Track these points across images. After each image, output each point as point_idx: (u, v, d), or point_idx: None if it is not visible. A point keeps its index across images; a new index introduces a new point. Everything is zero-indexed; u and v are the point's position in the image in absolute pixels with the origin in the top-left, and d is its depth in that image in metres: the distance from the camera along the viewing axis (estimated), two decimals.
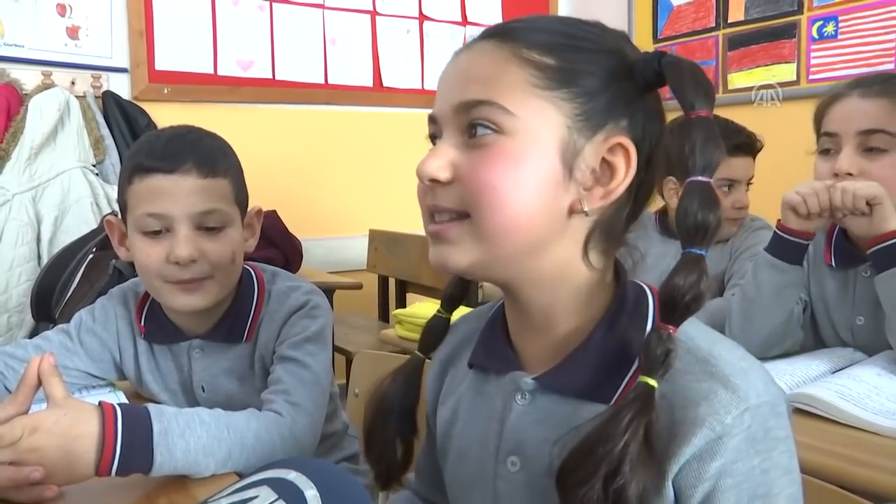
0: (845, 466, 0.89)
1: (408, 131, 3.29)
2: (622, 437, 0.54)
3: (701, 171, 0.58)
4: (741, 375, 0.58)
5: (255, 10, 2.95)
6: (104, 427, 0.81)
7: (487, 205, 0.61)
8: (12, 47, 2.52)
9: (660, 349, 0.56)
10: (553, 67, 0.61)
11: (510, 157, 0.60)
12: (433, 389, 0.81)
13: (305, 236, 2.52)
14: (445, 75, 0.66)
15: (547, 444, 0.64)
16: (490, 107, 0.61)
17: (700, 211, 0.57)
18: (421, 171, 0.63)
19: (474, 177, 0.61)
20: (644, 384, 0.56)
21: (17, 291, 2.35)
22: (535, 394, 0.67)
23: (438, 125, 0.65)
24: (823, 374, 1.16)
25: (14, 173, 2.40)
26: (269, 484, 0.55)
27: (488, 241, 0.62)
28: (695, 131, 0.58)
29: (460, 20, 3.41)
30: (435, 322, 0.79)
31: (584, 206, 0.62)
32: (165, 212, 1.00)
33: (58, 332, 1.14)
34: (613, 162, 0.62)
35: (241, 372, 1.11)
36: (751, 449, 0.56)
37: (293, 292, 1.11)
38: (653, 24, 3.35)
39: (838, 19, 2.68)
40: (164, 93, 2.77)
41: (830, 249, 1.31)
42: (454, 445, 0.75)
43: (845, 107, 1.23)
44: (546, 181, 0.61)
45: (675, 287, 0.56)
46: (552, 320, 0.66)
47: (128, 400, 1.12)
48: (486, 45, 0.64)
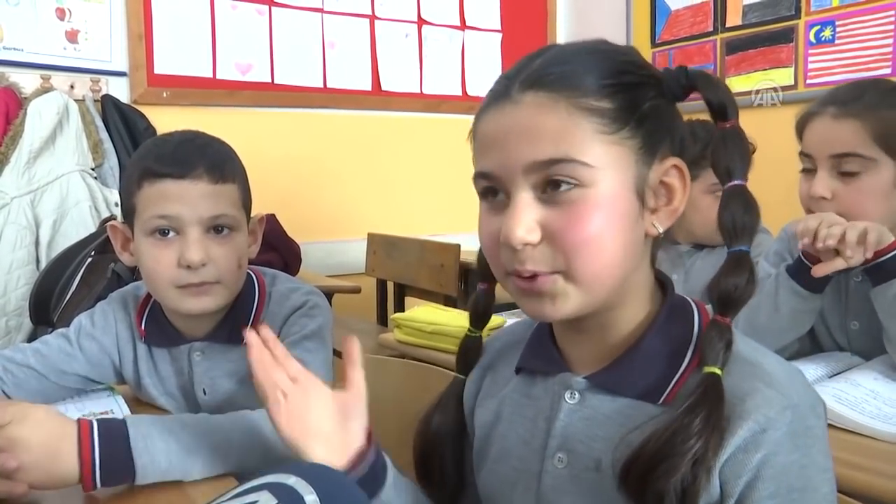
0: (843, 471, 0.89)
1: (406, 135, 3.32)
2: (703, 431, 0.57)
3: (739, 176, 0.64)
4: (784, 376, 0.62)
5: (254, 13, 2.96)
6: (80, 437, 0.81)
7: (586, 258, 0.62)
8: (11, 51, 2.52)
9: (721, 340, 0.61)
10: (612, 110, 0.62)
11: (597, 208, 0.62)
12: (471, 393, 0.83)
13: (304, 240, 2.52)
14: (496, 131, 0.65)
15: (594, 441, 0.67)
16: (570, 164, 0.61)
17: (743, 212, 0.63)
18: (513, 238, 0.62)
19: (570, 235, 0.62)
20: (712, 374, 0.60)
21: (15, 295, 2.35)
22: (584, 393, 0.69)
23: (501, 183, 0.65)
24: (821, 378, 1.16)
25: (13, 177, 2.40)
26: (268, 488, 0.55)
27: (587, 287, 0.63)
28: (731, 140, 0.64)
29: (459, 24, 3.42)
30: (469, 342, 0.83)
31: (659, 228, 0.66)
32: (176, 214, 1.01)
33: (57, 337, 1.14)
34: (670, 182, 0.66)
35: (242, 374, 1.11)
36: (791, 444, 0.59)
37: (293, 293, 1.12)
38: (651, 29, 3.36)
39: (836, 24, 2.69)
40: (163, 96, 2.77)
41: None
42: (495, 446, 0.77)
43: (818, 128, 1.22)
44: (629, 219, 0.64)
45: (730, 283, 0.62)
46: (607, 328, 0.69)
47: (127, 405, 1.12)
48: (538, 98, 0.63)
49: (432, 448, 0.81)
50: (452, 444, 0.81)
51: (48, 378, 1.10)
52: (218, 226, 1.03)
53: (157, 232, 1.02)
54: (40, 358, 1.10)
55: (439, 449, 0.80)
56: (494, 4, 3.52)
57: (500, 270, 0.67)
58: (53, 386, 1.11)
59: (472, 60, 3.45)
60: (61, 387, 1.12)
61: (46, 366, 1.10)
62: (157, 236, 1.02)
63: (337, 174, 3.17)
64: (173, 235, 1.02)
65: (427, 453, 0.81)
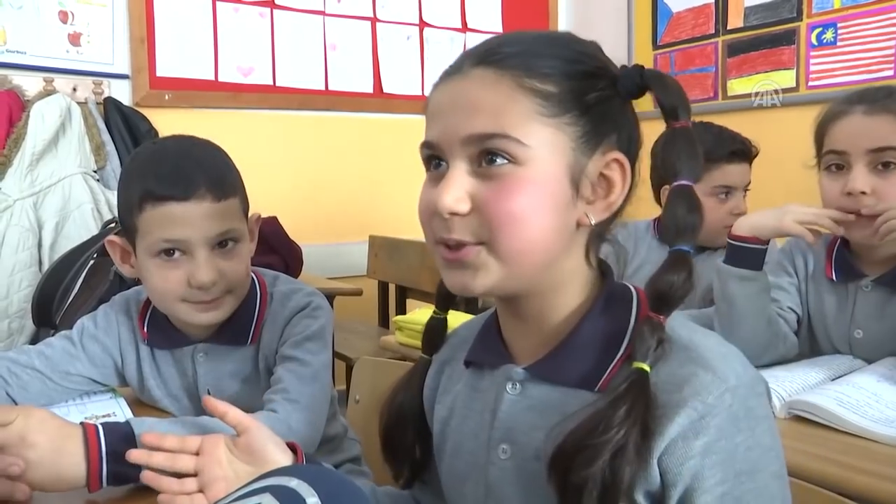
0: (844, 473, 0.89)
1: (408, 137, 3.30)
2: (623, 423, 0.57)
3: (685, 176, 0.64)
4: (720, 359, 0.62)
5: (256, 16, 2.96)
6: (86, 438, 0.82)
7: (509, 232, 0.63)
8: (14, 54, 2.53)
9: (653, 337, 0.61)
10: (555, 95, 0.64)
11: (527, 186, 0.63)
12: (430, 388, 0.84)
13: (305, 242, 2.52)
14: (442, 102, 0.67)
15: (536, 431, 0.67)
16: (504, 139, 0.62)
17: (686, 213, 0.63)
18: (441, 205, 0.63)
19: (496, 208, 0.63)
20: (639, 370, 0.60)
21: (17, 297, 2.35)
22: (525, 383, 0.70)
23: (441, 152, 0.66)
24: (822, 381, 1.16)
25: (15, 179, 2.41)
26: (270, 491, 0.56)
27: (509, 263, 0.64)
28: (679, 140, 0.65)
29: (460, 27, 3.43)
30: (433, 323, 0.85)
31: (592, 219, 0.66)
32: (183, 237, 1.00)
33: (60, 339, 1.14)
34: (611, 176, 0.67)
35: (245, 374, 1.11)
36: (733, 427, 0.59)
37: (295, 294, 1.12)
38: (652, 31, 3.36)
39: (837, 26, 2.69)
40: (165, 99, 2.78)
41: (831, 263, 1.31)
42: (450, 441, 0.78)
43: (851, 124, 1.22)
44: (559, 203, 0.64)
45: (666, 281, 0.62)
46: (544, 316, 0.69)
47: (129, 406, 1.13)
48: (484, 73, 0.64)
49: (395, 425, 0.82)
50: (414, 421, 0.82)
51: (52, 380, 1.10)
52: (224, 241, 1.03)
53: (163, 253, 1.01)
54: (44, 360, 1.10)
55: (401, 426, 0.82)
56: (496, 6, 3.52)
57: (430, 239, 0.68)
58: (58, 388, 1.11)
59: None
60: (65, 388, 1.12)
61: (51, 368, 1.10)
62: (163, 257, 1.01)
63: (338, 176, 3.17)
64: (180, 255, 1.01)
65: (390, 430, 0.82)
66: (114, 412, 1.10)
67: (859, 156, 1.20)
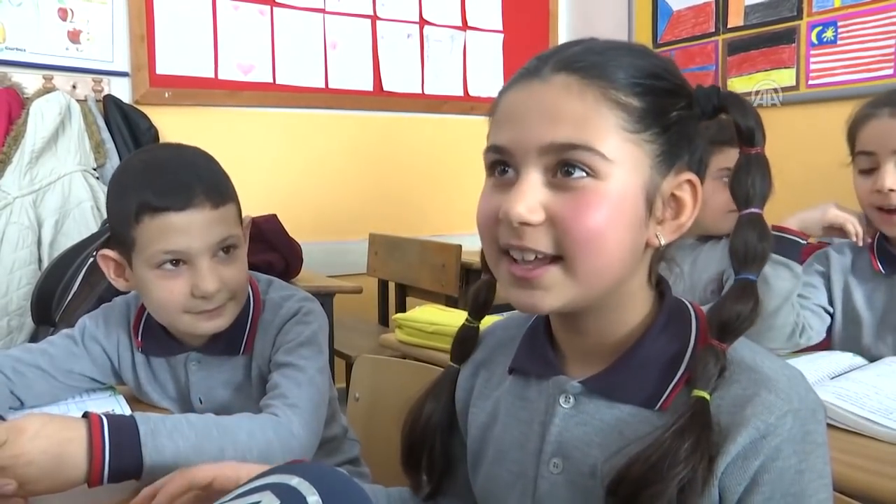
0: (843, 471, 0.89)
1: (408, 135, 3.32)
2: (690, 458, 0.57)
3: (758, 204, 0.64)
4: (785, 381, 0.61)
5: (256, 14, 2.96)
6: (91, 432, 0.81)
7: (590, 250, 0.61)
8: (14, 51, 2.53)
9: (715, 366, 0.60)
10: (639, 109, 0.62)
11: (605, 202, 0.60)
12: (464, 390, 0.82)
13: (306, 240, 2.52)
14: (517, 106, 0.64)
15: (590, 447, 0.66)
16: (587, 151, 0.60)
17: (757, 241, 0.63)
18: (513, 214, 0.60)
19: (575, 223, 0.60)
20: (701, 399, 0.59)
21: (17, 295, 2.35)
22: (579, 397, 0.68)
23: (512, 159, 0.63)
24: (822, 379, 1.16)
25: (15, 177, 2.41)
26: (271, 489, 0.56)
27: (583, 283, 0.62)
28: (753, 167, 0.64)
29: (460, 25, 3.42)
30: (466, 332, 0.82)
31: (662, 240, 0.65)
32: (184, 248, 0.99)
33: (63, 338, 1.15)
34: (682, 197, 0.65)
35: (238, 383, 1.11)
36: (790, 449, 0.59)
37: (286, 301, 1.12)
38: (653, 29, 3.36)
39: (837, 24, 2.69)
40: (164, 97, 2.78)
41: (875, 257, 1.38)
42: (491, 448, 0.76)
43: (879, 126, 1.30)
44: (634, 222, 0.62)
45: (733, 311, 0.62)
46: (604, 333, 0.68)
47: (128, 404, 1.13)
48: (569, 80, 0.62)
49: (422, 436, 0.80)
50: (442, 433, 0.80)
51: (56, 378, 1.11)
52: (225, 248, 1.03)
53: (164, 264, 1.00)
54: (48, 358, 1.10)
55: (429, 437, 0.79)
56: (496, 5, 3.52)
57: (493, 250, 0.65)
58: (61, 385, 1.12)
59: (473, 61, 3.45)
60: (68, 386, 1.13)
61: (54, 366, 1.10)
62: (165, 268, 1.00)
63: (339, 174, 3.17)
64: (182, 266, 1.00)
65: (416, 441, 0.80)
66: (113, 409, 1.10)
67: (887, 155, 1.29)
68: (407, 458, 0.81)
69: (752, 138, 0.65)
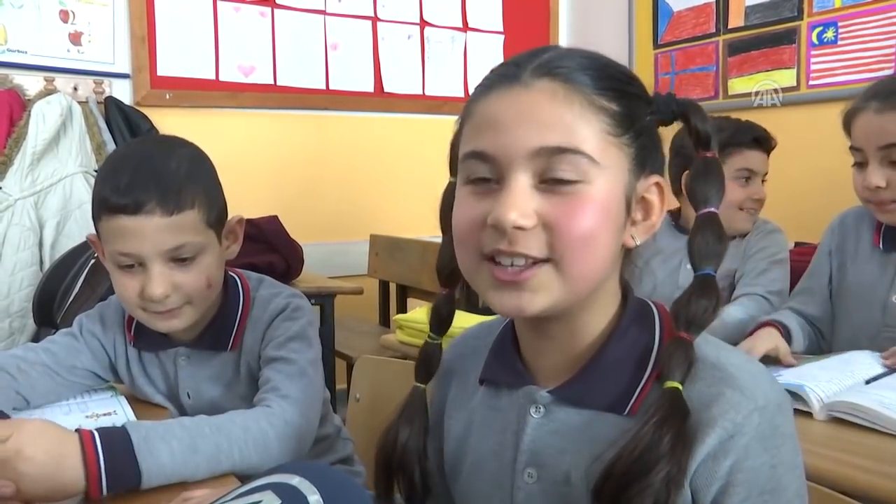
0: (846, 471, 0.89)
1: (409, 136, 3.32)
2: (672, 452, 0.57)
3: (714, 204, 0.66)
4: (748, 378, 0.62)
5: (257, 15, 2.96)
6: (83, 447, 0.81)
7: (583, 252, 0.62)
8: (15, 53, 2.53)
9: (684, 356, 0.61)
10: (618, 114, 0.63)
11: (594, 205, 0.62)
12: (438, 399, 0.82)
13: (306, 241, 2.52)
14: (504, 113, 0.63)
15: (563, 454, 0.67)
16: (578, 155, 0.61)
17: (714, 239, 0.65)
18: (505, 220, 0.60)
19: (568, 227, 0.61)
20: (673, 390, 0.60)
21: (19, 296, 2.35)
22: (549, 406, 0.69)
23: (496, 165, 0.63)
24: (857, 383, 1.16)
25: (16, 178, 2.41)
26: (272, 488, 0.56)
27: (572, 284, 0.63)
28: (710, 170, 0.66)
29: (461, 26, 3.42)
30: (429, 349, 0.80)
31: (637, 241, 0.67)
32: (135, 251, 0.99)
33: (63, 335, 1.16)
34: (650, 199, 0.67)
35: (226, 379, 1.12)
36: (760, 446, 0.59)
37: (275, 298, 1.12)
38: (653, 30, 3.36)
39: (838, 25, 2.69)
40: (165, 98, 2.78)
41: (880, 234, 1.41)
42: (469, 459, 0.76)
43: (864, 123, 1.31)
44: (617, 223, 0.64)
45: (697, 305, 0.63)
46: (572, 336, 0.68)
47: (129, 403, 1.13)
48: (554, 86, 0.62)
49: (398, 462, 0.77)
50: (420, 459, 0.77)
51: (60, 375, 1.11)
52: (181, 254, 1.01)
53: (121, 261, 1.01)
54: (51, 356, 1.12)
55: (407, 463, 0.77)
56: (496, 6, 3.52)
57: (474, 256, 0.65)
58: (65, 382, 1.12)
59: (474, 62, 3.45)
60: (72, 383, 1.14)
61: (57, 363, 1.12)
62: (122, 265, 1.01)
63: (339, 176, 3.17)
64: (137, 267, 1.01)
65: (391, 467, 0.77)
66: (115, 410, 1.10)
67: (872, 152, 1.30)
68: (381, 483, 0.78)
69: (708, 143, 0.67)
